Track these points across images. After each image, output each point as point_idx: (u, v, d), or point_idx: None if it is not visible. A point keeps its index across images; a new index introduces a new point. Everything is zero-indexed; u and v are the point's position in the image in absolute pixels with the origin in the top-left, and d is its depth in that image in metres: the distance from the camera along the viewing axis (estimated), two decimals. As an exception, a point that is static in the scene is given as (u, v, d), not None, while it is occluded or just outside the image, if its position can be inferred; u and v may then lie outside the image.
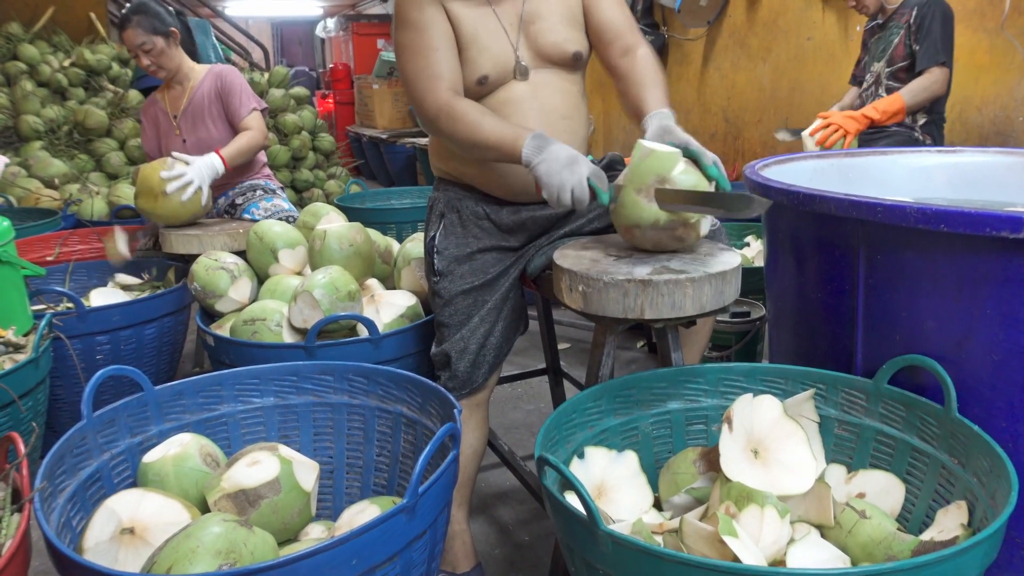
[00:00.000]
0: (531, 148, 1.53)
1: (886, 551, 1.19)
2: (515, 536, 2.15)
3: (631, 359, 3.36)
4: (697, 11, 5.01)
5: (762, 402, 1.37)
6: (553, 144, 1.53)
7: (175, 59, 2.95)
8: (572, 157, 1.50)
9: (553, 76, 1.74)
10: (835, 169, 1.98)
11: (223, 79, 2.98)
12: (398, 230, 3.48)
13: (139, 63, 2.92)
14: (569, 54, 1.74)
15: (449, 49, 1.66)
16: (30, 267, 2.20)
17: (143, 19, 2.82)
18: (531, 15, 1.72)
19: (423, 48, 1.66)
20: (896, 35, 3.07)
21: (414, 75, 1.67)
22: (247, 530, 1.20)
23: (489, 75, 1.68)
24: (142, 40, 2.83)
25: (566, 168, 1.49)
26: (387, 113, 8.60)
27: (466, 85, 1.69)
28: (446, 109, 1.62)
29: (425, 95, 1.65)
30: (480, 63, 1.68)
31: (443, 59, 1.65)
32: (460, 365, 1.74)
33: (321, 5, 14.33)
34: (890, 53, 3.08)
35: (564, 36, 1.73)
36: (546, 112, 1.73)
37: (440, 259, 1.78)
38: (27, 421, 1.90)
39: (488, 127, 1.59)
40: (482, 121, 1.59)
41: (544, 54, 1.73)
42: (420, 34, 1.66)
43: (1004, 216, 1.18)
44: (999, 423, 1.31)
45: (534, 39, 1.72)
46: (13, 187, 4.28)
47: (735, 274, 1.44)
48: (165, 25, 2.87)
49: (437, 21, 1.66)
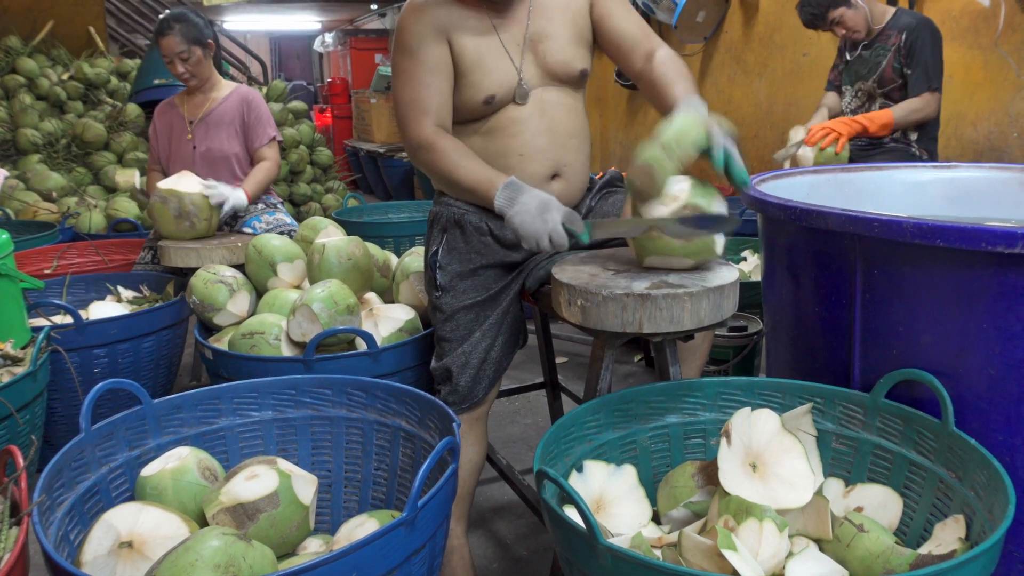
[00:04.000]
0: (503, 199, 1.59)
1: (884, 565, 1.20)
2: (513, 550, 2.15)
3: (629, 373, 3.36)
4: (694, 27, 5.04)
5: (760, 416, 1.37)
6: (524, 193, 1.57)
7: (208, 69, 3.05)
8: (543, 205, 1.54)
9: (559, 94, 1.76)
10: (832, 184, 1.99)
11: (251, 103, 3.07)
12: (396, 244, 3.49)
13: (172, 69, 2.99)
14: (577, 72, 1.75)
15: (443, 82, 1.69)
16: (28, 280, 2.20)
17: (184, 27, 2.91)
18: (537, 35, 1.73)
19: (416, 78, 1.68)
20: (883, 57, 3.09)
21: (403, 103, 1.71)
22: (246, 544, 1.19)
23: (496, 95, 1.70)
24: (181, 48, 2.91)
25: (538, 218, 1.53)
26: (385, 127, 8.62)
27: (472, 106, 1.71)
28: (427, 144, 1.67)
29: (410, 126, 1.70)
30: (485, 85, 1.69)
31: (434, 93, 1.68)
32: (461, 380, 1.74)
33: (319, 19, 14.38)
34: (879, 75, 3.11)
35: (572, 54, 1.75)
36: (554, 132, 1.74)
37: (443, 274, 1.78)
38: (25, 434, 1.90)
39: (464, 170, 1.64)
40: (459, 163, 1.65)
41: (552, 72, 1.74)
42: (415, 63, 1.68)
43: (1000, 231, 1.19)
44: (996, 437, 1.32)
45: (542, 58, 1.73)
46: (11, 200, 4.29)
47: (733, 288, 1.45)
48: (204, 36, 2.97)
49: (435, 52, 1.68)
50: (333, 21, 14.10)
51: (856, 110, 3.23)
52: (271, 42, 18.08)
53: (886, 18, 3.10)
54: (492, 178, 1.61)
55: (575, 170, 1.79)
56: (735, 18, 4.99)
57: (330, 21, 14.17)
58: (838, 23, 3.12)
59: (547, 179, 1.75)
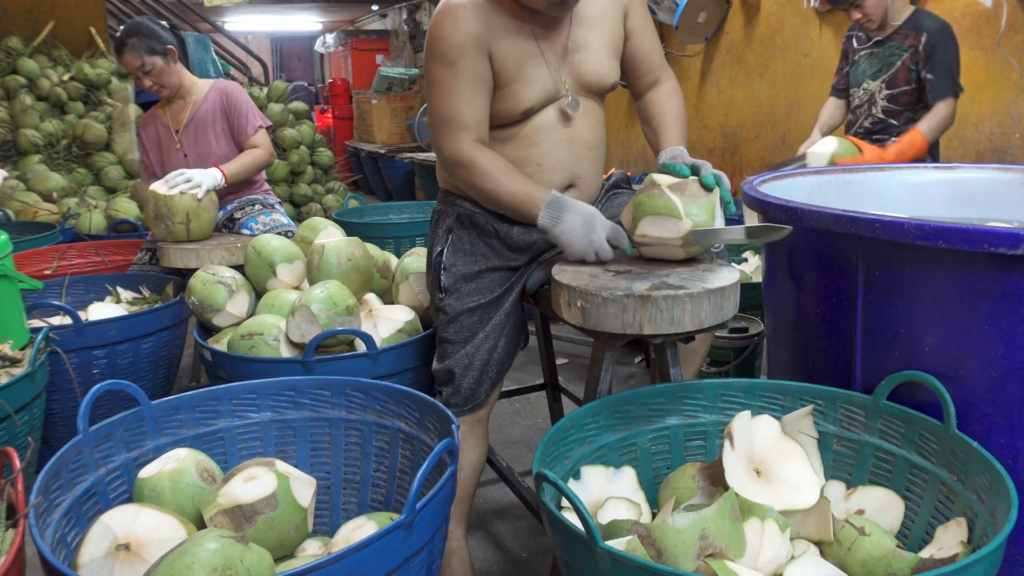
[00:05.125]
0: (547, 217, 1.58)
1: (886, 568, 1.19)
2: (513, 552, 2.14)
3: (629, 374, 3.35)
4: (695, 27, 5.04)
5: (759, 422, 1.37)
6: (568, 211, 1.57)
7: (175, 76, 2.95)
8: (589, 222, 1.55)
9: (586, 105, 1.73)
10: (833, 185, 1.98)
11: (229, 96, 2.99)
12: (396, 245, 3.48)
13: (141, 84, 2.92)
14: (607, 85, 1.74)
15: (483, 96, 1.63)
16: (27, 281, 2.19)
17: (138, 41, 2.82)
18: (576, 44, 1.69)
19: (455, 91, 1.61)
20: (899, 57, 2.97)
21: (441, 117, 1.64)
22: (243, 546, 1.19)
23: (534, 106, 1.67)
24: (139, 63, 2.84)
25: (584, 237, 1.55)
26: (385, 128, 8.63)
27: (509, 116, 1.67)
28: (466, 162, 1.63)
29: (448, 141, 1.64)
30: (525, 96, 1.65)
31: (475, 109, 1.62)
32: (464, 382, 1.74)
33: (320, 20, 14.40)
34: (891, 75, 2.99)
35: (607, 68, 1.73)
36: (575, 143, 1.73)
37: (447, 276, 1.77)
38: (23, 436, 1.89)
39: (505, 187, 1.61)
40: (500, 180, 1.62)
41: (584, 83, 1.71)
42: (454, 75, 1.60)
43: (1002, 232, 1.18)
44: (998, 439, 1.31)
45: (577, 68, 1.70)
46: (11, 201, 4.29)
47: (734, 290, 1.44)
48: (162, 44, 2.87)
49: (475, 64, 1.60)
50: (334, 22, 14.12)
51: (856, 109, 3.17)
52: (272, 43, 18.08)
53: (903, 16, 2.99)
54: (533, 195, 1.59)
55: (590, 181, 1.78)
56: (736, 19, 4.98)
57: (331, 22, 14.18)
58: (858, 6, 2.97)
59: (561, 189, 1.73)
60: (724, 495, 1.18)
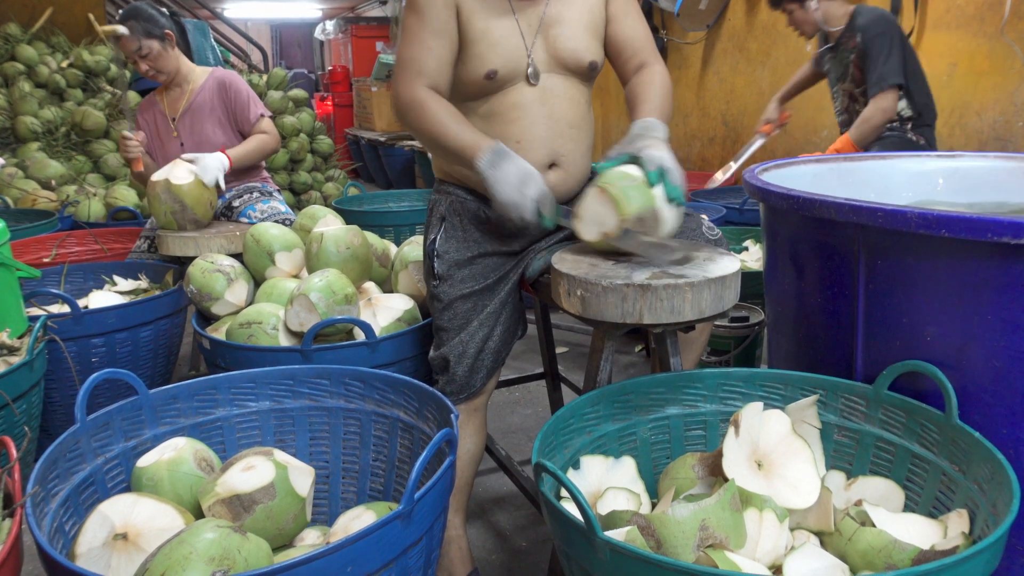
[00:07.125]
0: (487, 162, 1.57)
1: (886, 559, 1.18)
2: (512, 542, 2.14)
3: (629, 363, 3.35)
4: (696, 15, 5.01)
5: (771, 417, 1.36)
6: (507, 161, 1.56)
7: (173, 61, 2.93)
8: (524, 177, 1.55)
9: (564, 83, 1.73)
10: (834, 174, 1.97)
11: (229, 85, 2.97)
12: (396, 233, 3.47)
13: (138, 69, 2.90)
14: (585, 63, 1.73)
15: (444, 47, 1.66)
16: (25, 269, 2.18)
17: (135, 24, 2.80)
18: (552, 19, 1.70)
19: (418, 37, 1.66)
20: (848, 58, 3.17)
21: (402, 61, 1.68)
22: (241, 536, 1.18)
23: (499, 71, 1.67)
24: (136, 46, 2.82)
25: (516, 189, 1.54)
26: (386, 116, 8.60)
27: (474, 79, 1.68)
28: (417, 102, 1.64)
29: (402, 84, 1.67)
30: (490, 58, 1.66)
31: (434, 56, 1.65)
32: (459, 369, 1.73)
33: (320, 7, 14.34)
34: (851, 76, 3.18)
35: (583, 45, 1.72)
36: (554, 119, 1.72)
37: (440, 263, 1.77)
38: (21, 424, 1.89)
39: (452, 131, 1.61)
40: (448, 123, 1.61)
41: (560, 60, 1.71)
42: (421, 22, 1.66)
43: (1005, 221, 1.17)
44: (1000, 430, 1.30)
45: (552, 43, 1.70)
46: (10, 188, 4.27)
47: (734, 279, 1.43)
48: (159, 28, 2.85)
49: (442, 16, 1.64)
50: (334, 9, 14.06)
51: (841, 112, 3.33)
52: (272, 30, 18.02)
53: (847, 19, 3.16)
54: (479, 141, 1.58)
55: (574, 160, 1.77)
56: (738, 6, 4.95)
57: (331, 9, 14.12)
58: (788, 13, 3.26)
59: (544, 168, 1.73)
60: (724, 485, 1.17)
